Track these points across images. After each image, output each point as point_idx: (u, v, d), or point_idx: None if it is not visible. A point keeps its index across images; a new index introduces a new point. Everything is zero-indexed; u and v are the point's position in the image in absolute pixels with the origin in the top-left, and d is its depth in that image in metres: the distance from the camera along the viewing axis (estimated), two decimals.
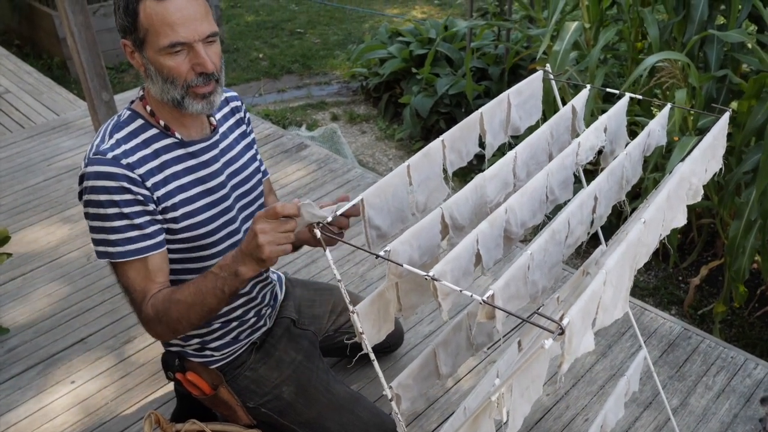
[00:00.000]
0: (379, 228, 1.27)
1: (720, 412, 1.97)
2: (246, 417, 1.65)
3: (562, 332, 0.89)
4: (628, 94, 1.50)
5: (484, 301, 0.96)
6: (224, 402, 1.62)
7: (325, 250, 1.13)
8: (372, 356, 1.18)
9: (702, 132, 2.69)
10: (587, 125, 2.14)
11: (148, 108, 1.39)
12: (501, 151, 3.53)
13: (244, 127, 1.59)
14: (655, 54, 2.57)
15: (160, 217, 1.38)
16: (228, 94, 1.58)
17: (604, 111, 3.27)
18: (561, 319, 0.93)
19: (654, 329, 2.26)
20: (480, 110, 1.41)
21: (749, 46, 2.62)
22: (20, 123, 3.92)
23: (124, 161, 1.32)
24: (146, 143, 1.37)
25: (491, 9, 4.24)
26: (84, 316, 2.41)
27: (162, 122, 1.39)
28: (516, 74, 4.20)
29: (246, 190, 1.54)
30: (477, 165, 3.82)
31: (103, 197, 1.31)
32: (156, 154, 1.38)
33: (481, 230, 1.12)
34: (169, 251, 1.43)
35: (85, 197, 1.34)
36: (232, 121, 1.56)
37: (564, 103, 3.13)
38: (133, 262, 1.35)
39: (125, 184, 1.31)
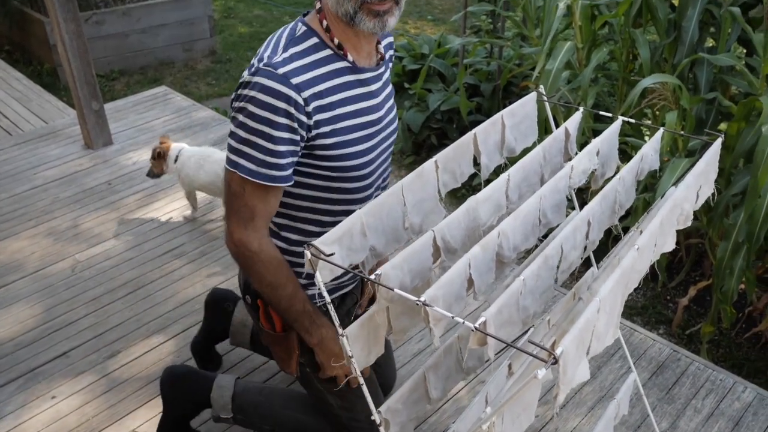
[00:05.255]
0: (375, 248, 1.25)
1: None
2: (295, 368, 1.59)
3: (555, 362, 0.88)
4: (621, 118, 1.50)
5: (476, 329, 0.95)
6: (287, 347, 1.55)
7: (315, 272, 1.11)
8: (361, 380, 1.16)
9: (692, 153, 2.70)
10: (577, 143, 2.15)
11: (324, 23, 1.34)
12: (495, 172, 3.53)
13: (390, 64, 1.57)
14: (648, 77, 2.59)
15: (305, 144, 1.34)
16: (390, 39, 1.56)
17: (594, 130, 3.28)
18: (553, 346, 0.92)
19: (643, 351, 2.26)
20: (473, 131, 1.41)
21: (738, 68, 2.64)
22: (7, 130, 3.88)
23: (294, 80, 1.28)
24: (318, 64, 1.33)
25: (484, 26, 4.26)
26: (66, 330, 2.37)
27: (336, 40, 1.34)
28: (508, 91, 4.21)
29: (393, 129, 1.52)
30: (466, 182, 3.81)
31: (262, 113, 1.28)
32: (327, 77, 1.33)
33: (474, 254, 1.11)
34: (312, 176, 1.40)
35: (242, 104, 1.29)
36: (388, 55, 1.54)
37: (556, 123, 3.14)
38: (258, 184, 1.32)
39: (289, 108, 1.28)
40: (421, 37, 5.02)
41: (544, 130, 2.84)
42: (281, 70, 1.28)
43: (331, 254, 1.06)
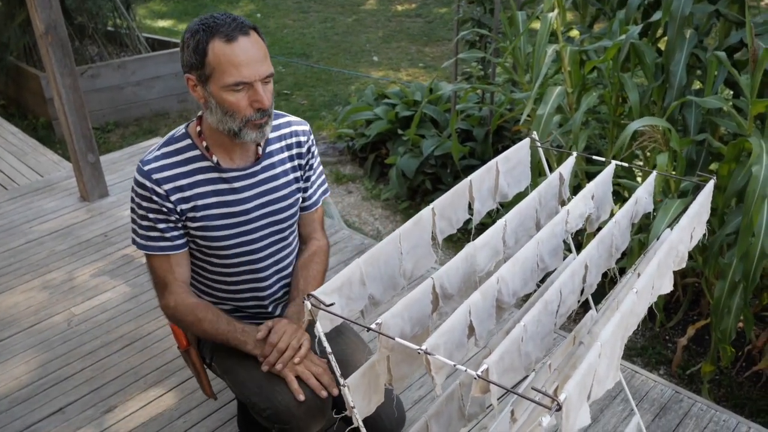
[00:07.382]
0: (373, 296, 1.26)
1: None
2: (208, 386, 1.83)
3: (559, 408, 0.88)
4: (614, 162, 1.53)
5: (478, 376, 0.95)
6: (192, 363, 1.79)
7: (315, 322, 1.11)
8: (363, 431, 1.15)
9: (684, 194, 2.73)
10: (570, 186, 2.17)
11: (198, 129, 1.59)
12: (489, 216, 3.55)
13: (301, 161, 1.72)
14: (638, 120, 2.63)
15: (181, 224, 1.60)
16: (299, 128, 1.72)
17: (586, 172, 3.32)
18: (556, 392, 0.91)
19: (645, 392, 2.24)
20: (469, 178, 1.42)
21: (726, 110, 2.69)
22: (3, 184, 3.90)
23: (154, 176, 1.55)
24: (186, 162, 1.58)
25: (475, 72, 4.34)
26: (62, 385, 2.34)
27: (205, 143, 1.58)
28: (500, 135, 4.27)
29: (280, 218, 1.69)
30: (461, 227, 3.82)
31: (136, 199, 1.58)
32: (191, 173, 1.58)
33: (474, 302, 1.11)
34: (193, 244, 1.64)
35: (131, 193, 1.60)
36: (292, 152, 1.70)
37: (549, 166, 3.17)
38: (156, 255, 1.61)
39: (153, 196, 1.55)
40: (413, 84, 5.11)
41: (537, 174, 2.88)
42: (147, 167, 1.56)
43: (331, 304, 1.06)
